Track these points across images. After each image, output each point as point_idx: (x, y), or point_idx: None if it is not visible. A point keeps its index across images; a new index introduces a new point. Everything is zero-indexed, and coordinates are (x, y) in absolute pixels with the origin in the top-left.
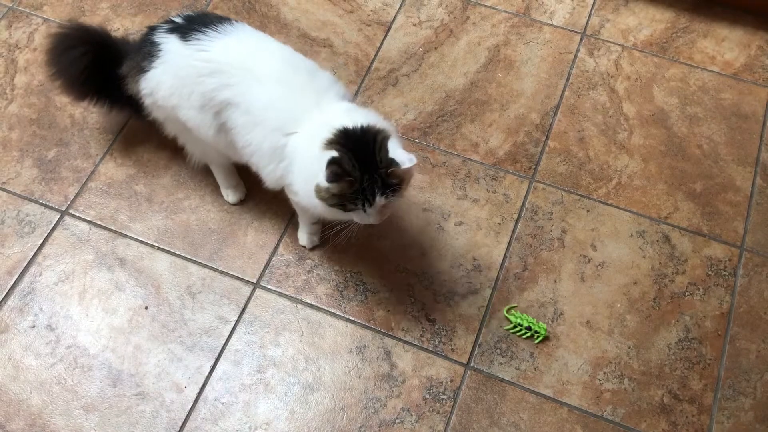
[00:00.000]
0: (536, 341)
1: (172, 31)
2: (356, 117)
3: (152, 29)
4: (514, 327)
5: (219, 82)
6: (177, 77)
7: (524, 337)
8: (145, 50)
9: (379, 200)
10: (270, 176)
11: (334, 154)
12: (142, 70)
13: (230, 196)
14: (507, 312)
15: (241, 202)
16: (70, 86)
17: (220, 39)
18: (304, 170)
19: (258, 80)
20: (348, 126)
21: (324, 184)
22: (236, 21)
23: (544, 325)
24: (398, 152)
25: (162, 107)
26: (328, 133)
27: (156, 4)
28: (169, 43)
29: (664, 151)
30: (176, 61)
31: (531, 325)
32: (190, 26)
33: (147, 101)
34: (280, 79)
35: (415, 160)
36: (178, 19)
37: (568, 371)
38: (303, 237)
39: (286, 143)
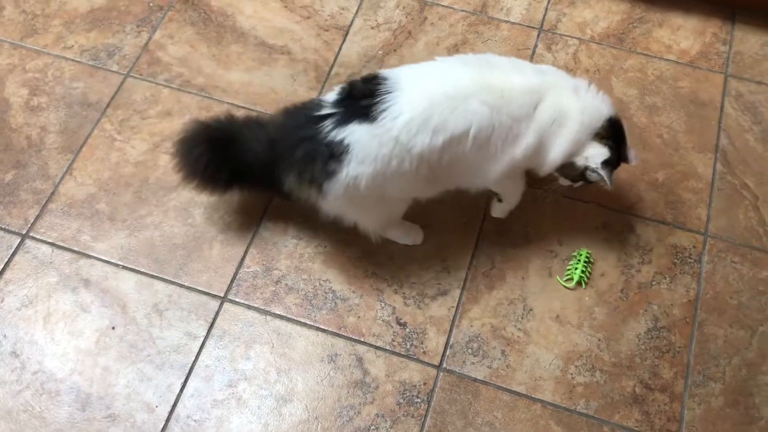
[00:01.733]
0: (592, 261)
1: (346, 119)
2: (588, 92)
3: (304, 124)
4: (580, 276)
5: (432, 129)
6: (379, 159)
7: (590, 269)
8: (321, 153)
9: None
10: (500, 167)
11: (606, 153)
12: (330, 175)
13: (416, 237)
14: (564, 281)
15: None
16: (204, 183)
17: (399, 95)
18: (570, 142)
19: (465, 99)
20: (612, 116)
21: (579, 164)
22: (383, 71)
23: (583, 251)
24: (631, 152)
25: (356, 197)
26: (594, 121)
27: (110, 19)
28: (355, 134)
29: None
30: (373, 145)
31: (580, 261)
32: (360, 105)
33: (332, 202)
34: (482, 85)
35: (636, 161)
36: (334, 107)
37: (539, 367)
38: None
39: (528, 124)
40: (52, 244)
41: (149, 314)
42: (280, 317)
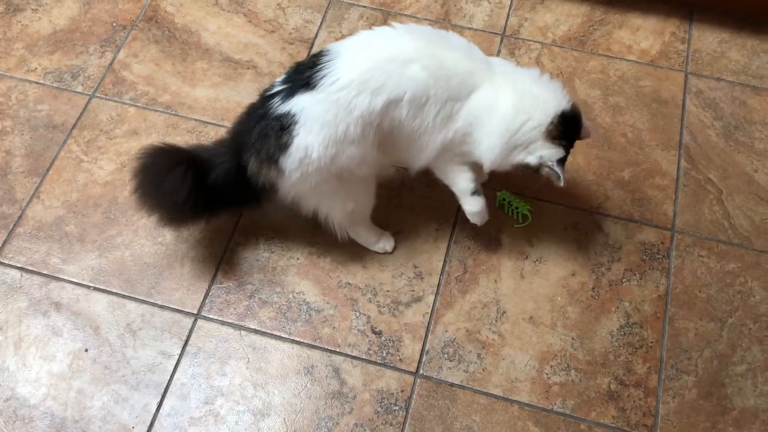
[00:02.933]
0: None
1: (291, 92)
2: (533, 83)
3: (256, 109)
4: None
5: (371, 91)
6: (326, 125)
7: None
8: (272, 128)
9: None
10: (433, 144)
11: (562, 153)
12: (283, 148)
13: (387, 245)
14: (521, 224)
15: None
16: (175, 214)
17: (339, 61)
18: (498, 135)
19: (406, 63)
20: (565, 110)
21: (533, 164)
22: (330, 44)
23: (503, 193)
24: (584, 129)
25: (313, 172)
26: (544, 117)
27: (73, 40)
28: (299, 103)
29: (590, 143)
30: (317, 111)
31: (512, 202)
32: (302, 76)
33: (291, 179)
34: (425, 54)
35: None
36: (281, 85)
37: (515, 368)
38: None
39: (461, 107)
40: (21, 269)
41: (122, 335)
42: (255, 331)
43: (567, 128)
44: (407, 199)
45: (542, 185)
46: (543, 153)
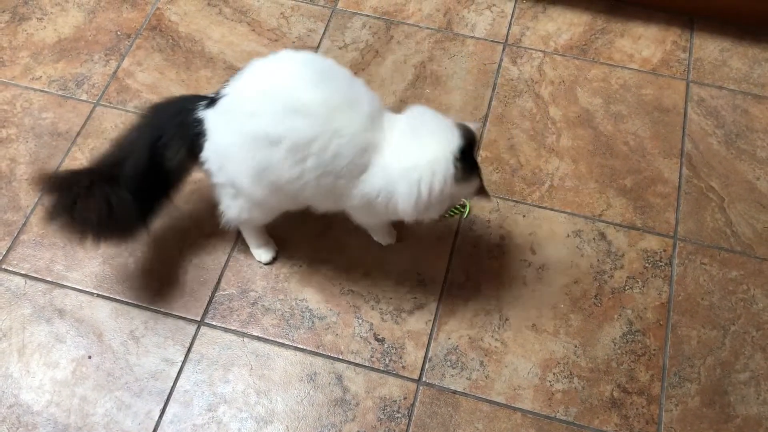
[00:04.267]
0: (465, 215)
1: (211, 104)
2: (427, 135)
3: (192, 99)
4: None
5: (245, 114)
6: (223, 136)
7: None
8: (192, 125)
9: None
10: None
11: (477, 183)
12: (201, 136)
13: (263, 255)
14: (467, 214)
15: (273, 261)
16: (106, 234)
17: (234, 83)
18: (412, 205)
19: (293, 112)
20: (461, 146)
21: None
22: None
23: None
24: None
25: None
26: (447, 169)
27: (78, 48)
28: (208, 116)
29: (592, 151)
30: (218, 125)
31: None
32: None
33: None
34: (317, 114)
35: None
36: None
37: (518, 376)
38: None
39: (354, 185)
40: (25, 276)
41: (125, 341)
42: (258, 338)
43: (468, 160)
44: None
45: (544, 193)
46: (461, 193)
